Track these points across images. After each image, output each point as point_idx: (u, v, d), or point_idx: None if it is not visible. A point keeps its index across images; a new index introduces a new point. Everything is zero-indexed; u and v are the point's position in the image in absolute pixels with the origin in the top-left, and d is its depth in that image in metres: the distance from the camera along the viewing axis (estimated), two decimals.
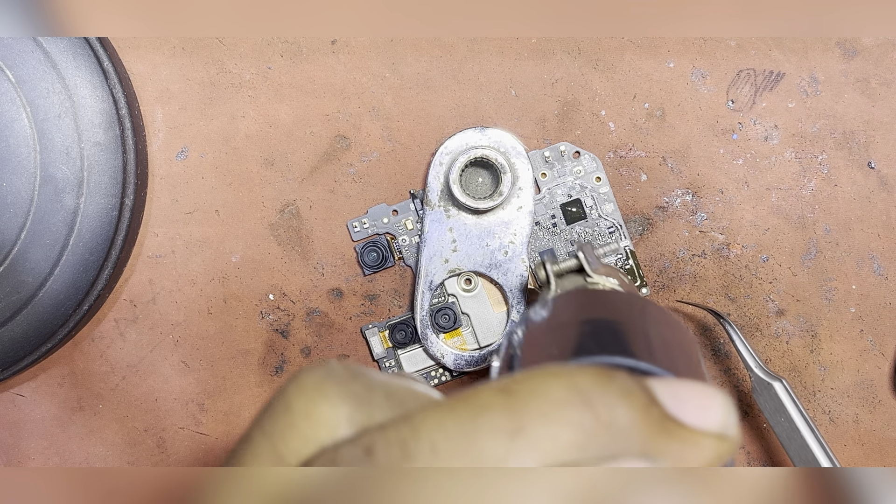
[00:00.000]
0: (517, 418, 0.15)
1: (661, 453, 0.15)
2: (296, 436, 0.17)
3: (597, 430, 0.15)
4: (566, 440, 0.15)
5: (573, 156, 0.38)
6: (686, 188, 0.38)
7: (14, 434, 0.40)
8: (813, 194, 0.38)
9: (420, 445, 0.15)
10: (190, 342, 0.39)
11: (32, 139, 0.35)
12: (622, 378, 0.16)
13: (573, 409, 0.15)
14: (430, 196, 0.37)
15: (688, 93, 0.37)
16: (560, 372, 0.16)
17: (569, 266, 0.31)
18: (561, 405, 0.15)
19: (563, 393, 0.15)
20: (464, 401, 0.15)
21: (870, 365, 0.38)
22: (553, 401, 0.15)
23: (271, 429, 0.17)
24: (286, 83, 0.38)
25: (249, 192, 0.38)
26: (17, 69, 0.35)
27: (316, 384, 0.17)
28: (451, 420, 0.15)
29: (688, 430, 0.15)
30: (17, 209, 0.35)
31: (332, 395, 0.17)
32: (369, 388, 0.17)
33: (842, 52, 0.37)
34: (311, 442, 0.16)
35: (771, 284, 0.38)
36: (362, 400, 0.17)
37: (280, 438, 0.17)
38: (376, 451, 0.15)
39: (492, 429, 0.15)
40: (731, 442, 0.16)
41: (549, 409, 0.15)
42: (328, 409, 0.17)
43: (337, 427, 0.16)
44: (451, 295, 0.38)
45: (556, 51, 0.37)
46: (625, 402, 0.15)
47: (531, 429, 0.15)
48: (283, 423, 0.17)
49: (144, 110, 0.38)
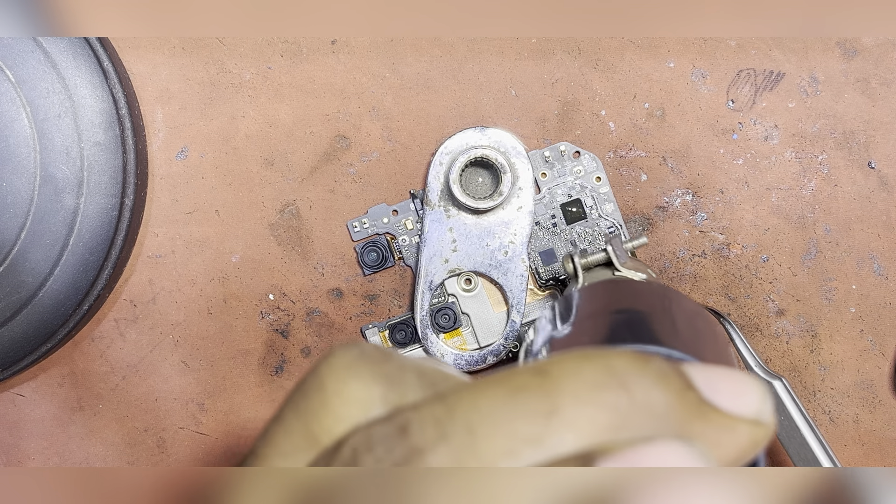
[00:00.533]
0: (552, 399, 0.15)
1: (696, 437, 0.15)
2: (329, 414, 0.16)
3: (632, 413, 0.15)
4: (602, 422, 0.15)
5: (573, 156, 0.38)
6: (686, 188, 0.38)
7: (14, 434, 0.40)
8: (813, 194, 0.38)
9: (455, 425, 0.15)
10: (190, 342, 0.39)
11: (32, 139, 0.35)
12: (658, 362, 0.15)
13: (609, 391, 0.15)
14: (430, 196, 0.37)
15: (688, 93, 0.37)
16: (595, 355, 0.15)
17: (597, 259, 0.31)
18: (597, 387, 0.15)
19: (599, 375, 0.15)
20: (498, 382, 0.15)
21: (870, 365, 0.38)
22: (589, 382, 0.15)
23: (304, 408, 0.17)
24: (286, 83, 0.38)
25: (249, 192, 0.38)
26: (17, 69, 0.35)
27: (348, 364, 0.17)
28: (486, 400, 0.15)
29: (724, 414, 0.15)
30: (17, 209, 0.35)
31: (365, 375, 0.17)
32: (401, 369, 0.17)
33: (842, 52, 0.37)
34: (344, 421, 0.16)
35: (771, 284, 0.38)
36: (394, 380, 0.17)
37: (313, 417, 0.16)
38: (411, 430, 0.15)
39: (527, 409, 0.15)
40: (767, 428, 0.16)
41: (584, 390, 0.15)
42: (361, 389, 0.16)
43: (370, 406, 0.16)
44: (451, 295, 0.38)
45: (556, 51, 0.37)
46: (661, 386, 0.15)
47: (567, 410, 0.15)
48: (315, 401, 0.17)
49: (144, 110, 0.38)
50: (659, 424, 0.15)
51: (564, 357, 0.16)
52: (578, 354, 0.16)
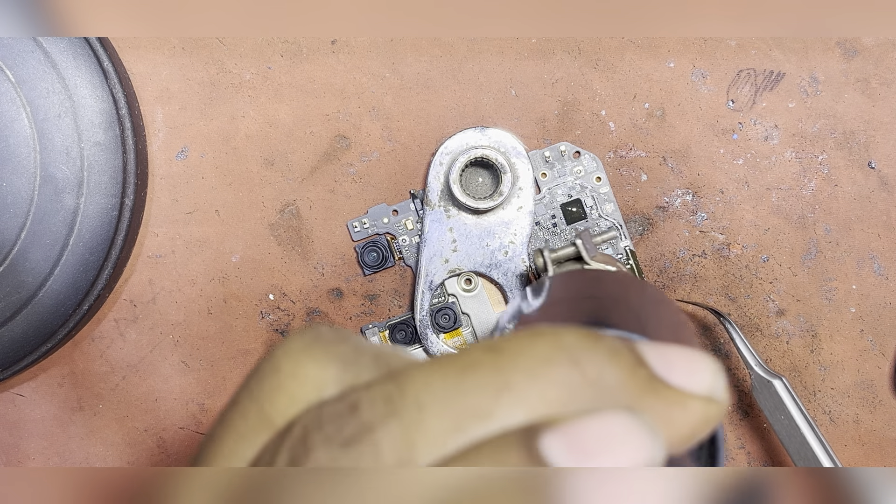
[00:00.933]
0: (503, 375, 0.15)
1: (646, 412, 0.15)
2: (283, 396, 0.16)
3: (583, 388, 0.15)
4: (552, 397, 0.15)
5: (573, 156, 0.38)
6: (686, 188, 0.38)
7: (14, 434, 0.40)
8: (813, 194, 0.38)
9: (405, 401, 0.15)
10: (190, 342, 0.39)
11: (32, 139, 0.35)
12: (609, 339, 0.16)
13: (560, 366, 0.15)
14: (431, 196, 0.37)
15: (688, 93, 0.37)
16: (547, 331, 0.16)
17: (567, 254, 0.31)
18: (548, 363, 0.15)
19: (550, 351, 0.15)
20: (450, 360, 0.15)
21: (870, 365, 0.38)
22: (540, 358, 0.15)
23: (258, 390, 0.17)
24: (286, 83, 0.38)
25: (249, 192, 0.38)
26: (17, 69, 0.35)
27: (304, 346, 0.17)
28: (437, 377, 0.15)
29: (675, 391, 0.15)
30: (17, 209, 0.35)
31: (320, 356, 0.17)
32: (357, 351, 0.17)
33: (842, 52, 0.37)
34: (298, 401, 0.16)
35: (771, 284, 0.38)
36: (350, 361, 0.17)
37: (267, 399, 0.17)
38: (362, 408, 0.15)
39: (477, 385, 0.15)
40: (719, 406, 0.16)
41: (535, 366, 0.15)
42: (315, 370, 0.17)
43: (324, 387, 0.16)
44: (452, 295, 0.38)
45: (557, 51, 0.37)
46: (612, 362, 0.15)
47: (517, 385, 0.15)
48: (270, 383, 0.17)
49: (144, 110, 0.38)
50: (609, 400, 0.15)
51: (517, 334, 0.16)
52: (530, 331, 0.16)
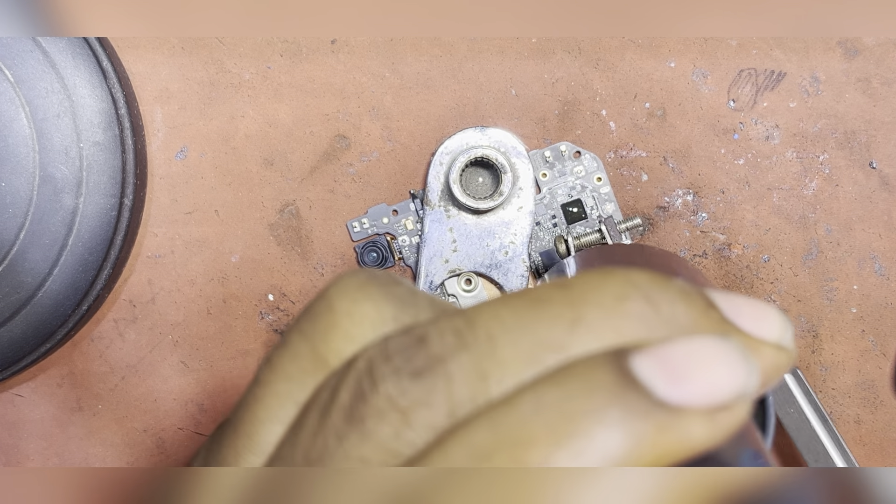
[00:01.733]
0: (576, 309, 0.14)
1: None
2: (338, 335, 0.15)
3: (657, 325, 0.14)
4: (627, 331, 0.14)
5: (574, 156, 0.38)
6: (687, 188, 0.38)
7: (13, 434, 0.39)
8: (814, 194, 0.38)
9: (476, 333, 0.14)
10: (189, 342, 0.39)
11: (31, 139, 0.35)
12: (680, 281, 0.15)
13: (634, 302, 0.14)
14: (430, 196, 0.37)
15: (689, 92, 0.37)
16: (618, 270, 0.15)
17: (590, 240, 0.31)
18: (621, 298, 0.14)
19: (623, 287, 0.15)
20: (519, 294, 0.15)
21: (871, 365, 0.38)
22: (613, 294, 0.14)
23: (311, 330, 0.16)
24: (286, 83, 0.38)
25: (249, 192, 0.38)
26: (16, 69, 0.35)
27: (358, 285, 0.16)
28: (507, 310, 0.14)
29: (747, 335, 0.15)
30: (16, 209, 0.35)
31: (376, 295, 0.16)
32: (413, 293, 0.16)
33: (843, 51, 0.37)
34: (354, 340, 0.15)
35: (772, 285, 0.38)
36: (407, 302, 0.16)
37: (321, 339, 0.16)
38: (430, 340, 0.14)
39: (550, 318, 0.14)
40: (789, 353, 0.15)
41: (609, 301, 0.14)
42: (372, 309, 0.16)
43: (382, 326, 0.15)
44: (452, 295, 0.38)
45: (557, 50, 0.37)
46: (685, 301, 0.15)
47: (591, 318, 0.14)
48: (324, 322, 0.16)
49: (144, 110, 0.38)
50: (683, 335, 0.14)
51: (586, 272, 0.15)
52: (601, 270, 0.15)
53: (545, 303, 0.14)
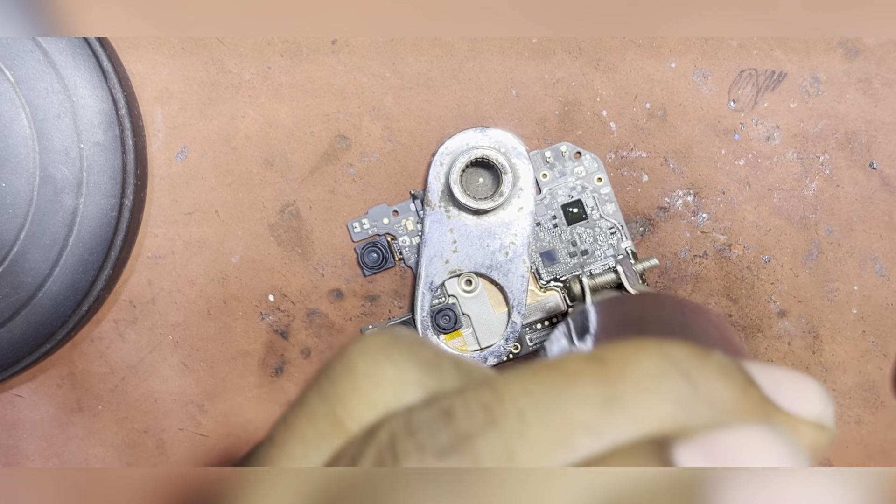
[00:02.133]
0: (610, 387, 0.14)
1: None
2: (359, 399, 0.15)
3: (696, 405, 0.14)
4: (664, 412, 0.14)
5: (574, 156, 0.38)
6: (687, 188, 0.38)
7: (13, 435, 0.39)
8: (815, 195, 0.38)
9: (505, 410, 0.13)
10: (189, 343, 0.39)
11: (31, 139, 0.35)
12: (719, 355, 0.14)
13: (671, 380, 0.14)
14: (431, 196, 0.37)
15: (689, 93, 0.37)
16: (653, 343, 0.14)
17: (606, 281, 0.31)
18: (658, 376, 0.14)
19: (660, 364, 0.14)
20: (550, 367, 0.14)
21: (872, 366, 0.38)
22: (649, 371, 0.14)
23: (331, 391, 0.15)
24: (286, 83, 0.38)
25: (249, 193, 0.38)
26: (17, 69, 0.35)
27: (381, 346, 0.15)
28: (537, 386, 0.14)
29: (787, 414, 0.14)
30: (17, 210, 0.35)
31: (400, 358, 0.15)
32: (438, 356, 0.16)
33: (844, 52, 0.37)
34: (375, 405, 0.15)
35: (773, 285, 0.38)
36: (432, 366, 0.15)
37: (340, 401, 0.15)
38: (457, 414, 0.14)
39: (583, 396, 0.14)
40: (829, 433, 0.15)
41: (644, 379, 0.14)
42: (395, 372, 0.15)
43: (405, 391, 0.15)
44: (452, 296, 0.38)
45: (557, 51, 0.37)
46: (724, 379, 0.14)
47: (626, 398, 0.14)
48: (344, 384, 0.15)
49: (144, 110, 0.38)
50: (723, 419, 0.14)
51: (620, 345, 0.14)
52: (635, 343, 0.14)
53: (578, 378, 0.14)
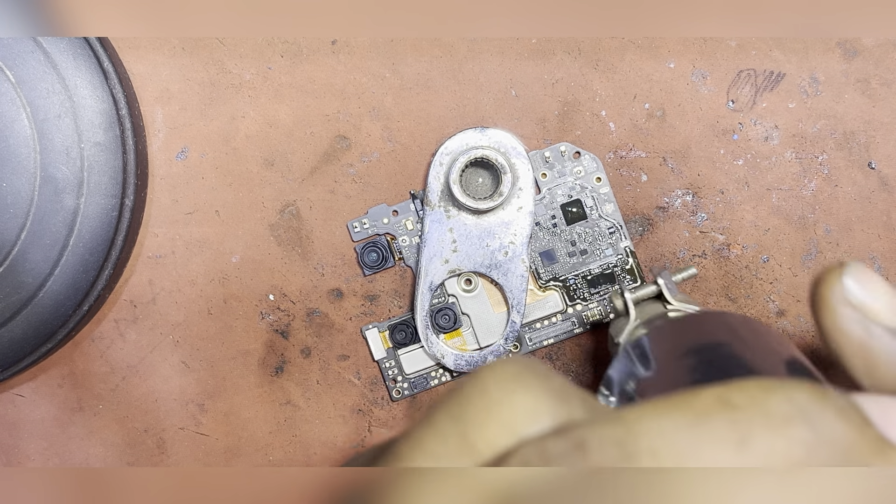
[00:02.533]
0: (741, 429, 0.14)
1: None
2: (492, 423, 0.15)
3: (818, 448, 0.14)
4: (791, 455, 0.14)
5: (573, 156, 0.38)
6: (686, 188, 0.38)
7: (14, 435, 0.39)
8: (813, 195, 0.38)
9: (638, 447, 0.14)
10: (190, 343, 0.39)
11: (32, 139, 0.35)
12: (836, 395, 0.15)
13: (797, 425, 0.14)
14: (431, 196, 0.37)
15: (688, 93, 0.37)
16: (777, 386, 0.15)
17: (647, 293, 0.31)
18: (785, 420, 0.14)
19: (785, 407, 0.14)
20: (679, 406, 0.14)
21: None
22: (776, 415, 0.14)
23: (462, 414, 0.15)
24: (286, 83, 0.38)
25: (249, 193, 0.38)
26: (17, 69, 0.35)
27: (515, 373, 0.15)
28: (670, 424, 0.14)
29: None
30: (17, 209, 0.35)
31: (535, 387, 0.15)
32: (567, 387, 0.16)
33: (842, 52, 0.37)
34: (509, 430, 0.15)
35: (771, 285, 0.38)
36: (563, 397, 0.15)
37: (472, 424, 0.15)
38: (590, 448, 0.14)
39: (716, 438, 0.14)
40: None
41: (772, 423, 0.14)
42: (529, 400, 0.15)
43: (538, 419, 0.15)
44: (452, 295, 0.38)
45: (557, 51, 0.37)
46: (842, 420, 0.14)
47: (757, 441, 0.14)
48: (477, 407, 0.15)
49: (144, 110, 0.38)
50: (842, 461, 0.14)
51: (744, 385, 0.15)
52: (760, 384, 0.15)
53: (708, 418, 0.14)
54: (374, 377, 0.39)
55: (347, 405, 0.39)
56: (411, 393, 0.39)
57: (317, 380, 0.39)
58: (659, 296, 0.31)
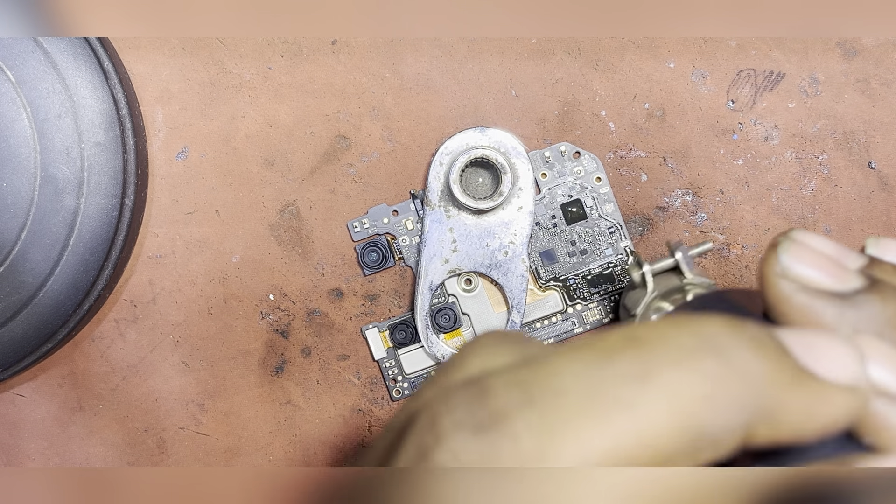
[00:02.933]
0: (645, 364, 0.14)
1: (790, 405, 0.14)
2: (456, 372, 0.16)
3: (728, 380, 0.14)
4: (696, 388, 0.14)
5: (573, 156, 0.38)
6: (686, 188, 0.38)
7: (14, 434, 0.40)
8: (813, 195, 0.38)
9: (541, 387, 0.14)
10: (190, 342, 0.39)
11: (33, 139, 0.35)
12: (752, 327, 0.15)
13: (703, 357, 0.14)
14: (431, 196, 0.37)
15: (688, 93, 0.37)
16: (686, 321, 0.15)
17: (664, 266, 0.31)
18: (691, 353, 0.14)
19: (692, 341, 0.14)
20: (586, 345, 0.15)
21: None
22: (682, 348, 0.14)
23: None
24: (286, 83, 0.38)
25: (249, 193, 0.38)
26: (18, 69, 0.35)
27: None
28: (574, 363, 0.14)
29: (819, 382, 0.15)
30: (18, 209, 0.35)
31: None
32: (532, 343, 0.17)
33: (842, 52, 0.37)
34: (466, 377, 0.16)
35: None
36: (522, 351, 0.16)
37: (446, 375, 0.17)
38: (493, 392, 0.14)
39: (619, 373, 0.14)
40: (863, 396, 0.15)
41: (679, 356, 0.14)
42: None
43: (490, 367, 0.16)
44: (452, 295, 0.38)
45: (557, 51, 0.37)
46: (756, 352, 0.15)
47: (661, 375, 0.14)
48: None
49: (145, 110, 0.38)
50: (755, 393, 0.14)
51: (654, 323, 0.15)
52: (669, 320, 0.15)
53: (615, 356, 0.14)
54: (374, 377, 0.39)
55: (347, 405, 0.39)
56: (411, 393, 0.39)
57: (317, 380, 0.39)
58: (674, 269, 0.31)
